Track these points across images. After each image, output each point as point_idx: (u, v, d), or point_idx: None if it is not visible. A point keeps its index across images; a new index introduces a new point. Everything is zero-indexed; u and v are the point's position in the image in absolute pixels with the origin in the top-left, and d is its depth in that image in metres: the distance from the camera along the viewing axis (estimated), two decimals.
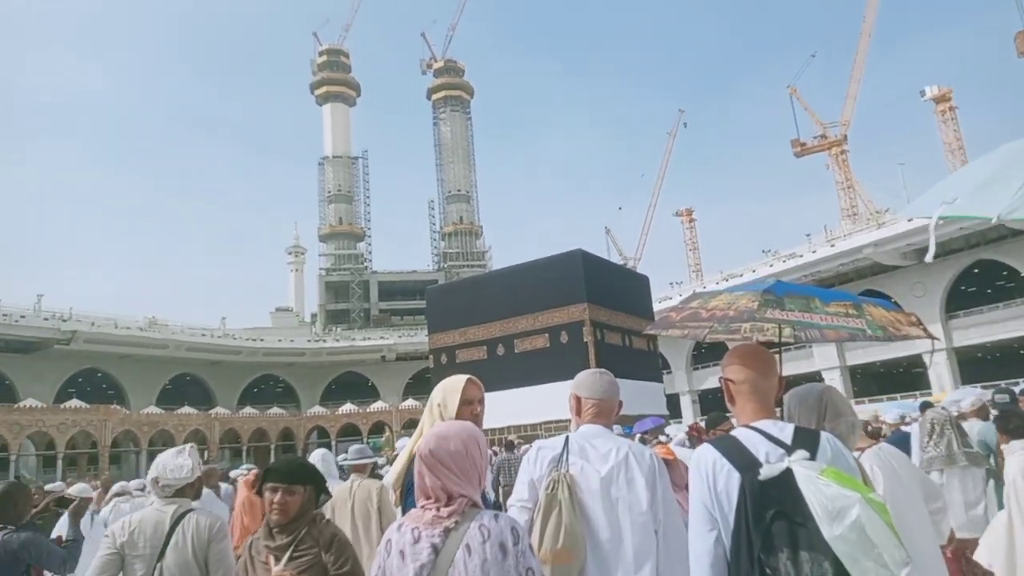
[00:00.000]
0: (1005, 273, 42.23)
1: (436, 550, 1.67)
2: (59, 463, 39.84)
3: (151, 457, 9.92)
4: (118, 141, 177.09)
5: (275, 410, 55.09)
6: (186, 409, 49.97)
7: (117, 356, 52.58)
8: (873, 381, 50.84)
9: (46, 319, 47.65)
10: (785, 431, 1.87)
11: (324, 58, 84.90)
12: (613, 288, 22.09)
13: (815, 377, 47.21)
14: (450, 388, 2.45)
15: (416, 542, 1.70)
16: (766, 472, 1.75)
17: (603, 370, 2.61)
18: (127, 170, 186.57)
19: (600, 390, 2.49)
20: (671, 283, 61.32)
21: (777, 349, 2.51)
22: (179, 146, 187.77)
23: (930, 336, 2.71)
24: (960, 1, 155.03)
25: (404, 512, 2.30)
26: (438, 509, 1.74)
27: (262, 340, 61.59)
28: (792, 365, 47.45)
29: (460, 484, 1.76)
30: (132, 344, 52.27)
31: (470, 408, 2.44)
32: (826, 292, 2.65)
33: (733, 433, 1.93)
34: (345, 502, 4.30)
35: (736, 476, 1.80)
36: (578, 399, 2.51)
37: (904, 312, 2.72)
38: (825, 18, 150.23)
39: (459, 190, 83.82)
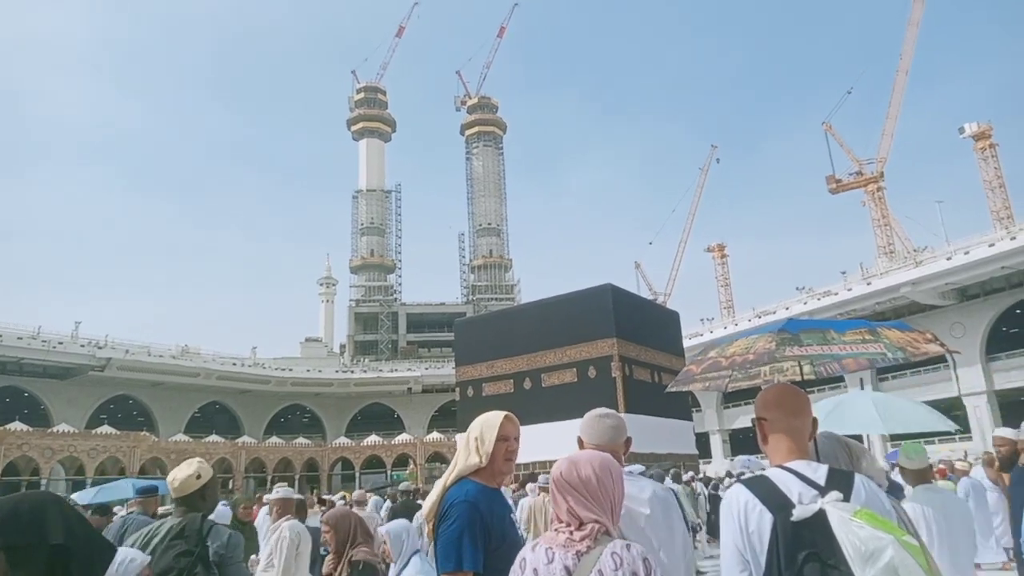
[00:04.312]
0: None
1: (569, 572, 1.69)
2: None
3: None
4: (156, 172, 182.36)
5: (300, 440, 55.27)
6: (213, 437, 50.38)
7: (149, 383, 53.43)
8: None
9: (82, 346, 48.73)
10: (819, 472, 1.86)
11: (361, 95, 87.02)
12: (643, 324, 21.93)
13: None
14: (488, 424, 2.47)
15: (550, 563, 1.72)
16: (799, 513, 1.74)
17: (607, 412, 2.55)
18: (164, 201, 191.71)
19: (599, 434, 2.45)
20: (702, 319, 60.70)
21: (809, 389, 2.50)
22: (216, 178, 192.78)
23: (948, 351, 2.70)
24: (1000, 36, 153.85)
25: (435, 546, 2.31)
26: (571, 532, 1.76)
27: (291, 370, 62.14)
28: (820, 408, 46.32)
29: (591, 509, 1.78)
30: (164, 372, 53.10)
31: (506, 444, 2.44)
32: (840, 323, 2.65)
33: (766, 473, 1.93)
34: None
35: (768, 517, 1.79)
36: (581, 443, 2.48)
37: (920, 331, 2.70)
38: (861, 54, 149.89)
39: (489, 224, 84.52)
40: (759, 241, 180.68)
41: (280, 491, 5.32)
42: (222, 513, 7.01)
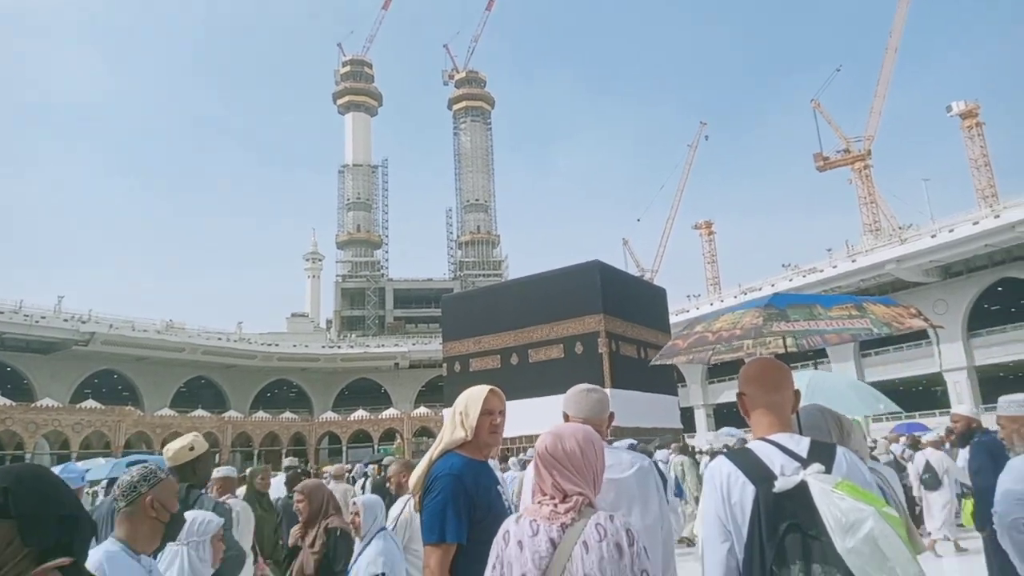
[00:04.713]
0: None
1: (554, 544, 1.70)
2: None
3: None
4: (139, 147, 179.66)
5: (288, 415, 55.33)
6: (199, 412, 50.35)
7: (134, 358, 53.12)
8: (892, 399, 49.96)
9: (66, 320, 48.30)
10: (801, 444, 1.88)
11: (348, 68, 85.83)
12: (630, 300, 21.98)
13: None
14: (472, 398, 2.47)
15: (535, 535, 1.73)
16: (781, 485, 1.75)
17: (592, 387, 2.60)
18: (149, 175, 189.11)
19: (585, 408, 2.50)
20: (688, 296, 61.01)
21: (792, 363, 2.52)
22: (201, 153, 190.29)
23: (932, 325, 2.75)
24: (988, 17, 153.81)
25: (421, 519, 2.32)
26: (555, 505, 1.77)
27: (277, 345, 62.00)
28: None
29: (575, 482, 1.79)
30: (149, 347, 52.80)
31: (490, 418, 2.45)
32: (827, 297, 2.66)
33: (749, 446, 1.94)
34: None
35: (751, 488, 1.80)
36: (566, 417, 2.52)
37: (904, 305, 2.73)
38: (851, 32, 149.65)
39: (477, 199, 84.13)
40: (746, 218, 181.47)
41: (222, 470, 5.30)
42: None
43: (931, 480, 9.48)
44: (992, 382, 43.25)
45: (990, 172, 58.50)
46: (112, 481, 7.33)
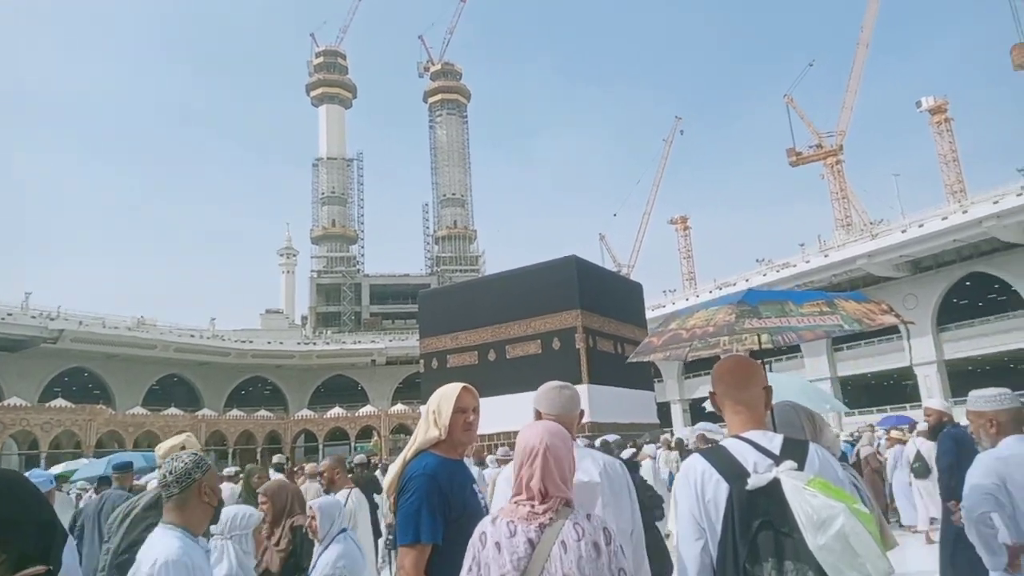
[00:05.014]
0: (997, 286, 42.52)
1: (532, 544, 1.70)
2: (42, 463, 39.45)
3: None
4: (108, 138, 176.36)
5: (262, 413, 54.77)
6: (172, 410, 49.63)
7: (104, 356, 52.20)
8: (863, 393, 51.08)
9: (33, 317, 47.28)
10: (774, 441, 1.89)
11: (321, 59, 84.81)
12: (606, 295, 22.09)
13: None
14: (445, 396, 2.46)
15: (512, 535, 1.72)
16: (754, 482, 1.77)
17: (563, 384, 2.58)
18: (117, 167, 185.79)
19: (558, 405, 2.47)
20: (664, 291, 61.46)
21: (763, 359, 2.54)
22: (171, 144, 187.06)
23: (903, 321, 2.78)
24: (957, 14, 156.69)
25: (396, 519, 2.30)
26: (533, 505, 1.76)
27: (251, 342, 61.30)
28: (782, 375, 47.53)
29: (552, 481, 1.79)
30: (120, 344, 51.92)
31: (463, 416, 2.44)
32: (799, 294, 2.68)
33: (723, 443, 1.95)
34: None
35: (724, 486, 1.81)
36: (538, 413, 2.50)
37: (875, 301, 2.76)
38: (823, 28, 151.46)
39: (454, 194, 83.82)
40: (721, 213, 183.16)
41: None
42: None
43: (921, 468, 9.62)
44: (961, 375, 44.22)
45: (958, 167, 59.67)
46: (103, 480, 7.29)
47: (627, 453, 10.64)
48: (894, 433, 12.88)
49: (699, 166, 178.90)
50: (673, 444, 13.81)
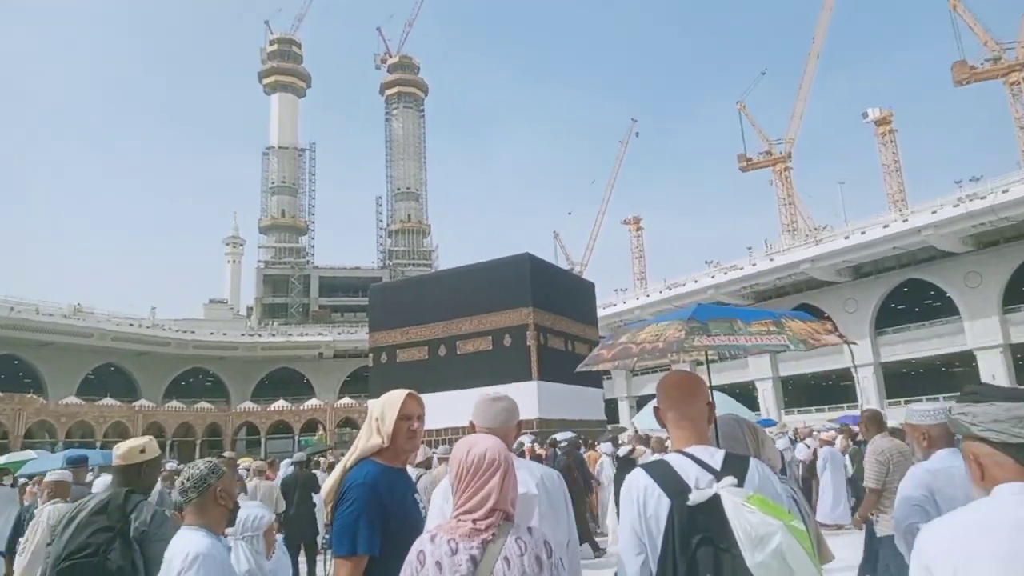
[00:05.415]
0: (932, 293, 44.31)
1: (475, 562, 1.65)
2: None
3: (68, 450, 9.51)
4: (49, 117, 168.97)
5: (203, 404, 53.35)
6: (108, 401, 47.98)
7: (37, 343, 50.15)
8: (804, 393, 52.68)
9: None
10: (716, 457, 1.90)
11: (275, 47, 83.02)
12: (559, 293, 22.22)
13: (749, 387, 48.62)
14: (389, 402, 2.38)
15: (454, 554, 1.67)
16: (694, 498, 1.77)
17: (499, 395, 2.47)
18: (57, 148, 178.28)
19: (491, 419, 2.38)
20: (616, 290, 62.17)
21: (707, 367, 2.57)
22: (114, 125, 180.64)
23: (846, 341, 2.85)
24: (904, 29, 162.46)
25: (332, 530, 2.23)
26: (474, 522, 1.71)
27: (193, 332, 59.75)
28: (727, 375, 48.71)
29: (492, 496, 1.75)
30: (54, 331, 49.97)
31: (408, 424, 2.37)
32: (747, 311, 2.73)
33: (666, 458, 1.95)
34: None
35: (666, 501, 1.81)
36: (473, 426, 2.40)
37: (820, 321, 2.84)
38: (776, 37, 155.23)
39: (408, 188, 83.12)
40: (673, 214, 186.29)
41: (55, 473, 5.13)
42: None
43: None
44: (896, 378, 46.03)
45: (900, 177, 61.95)
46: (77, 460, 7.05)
47: (624, 450, 10.71)
48: (824, 435, 13.46)
49: (653, 168, 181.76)
50: (645, 439, 13.83)
